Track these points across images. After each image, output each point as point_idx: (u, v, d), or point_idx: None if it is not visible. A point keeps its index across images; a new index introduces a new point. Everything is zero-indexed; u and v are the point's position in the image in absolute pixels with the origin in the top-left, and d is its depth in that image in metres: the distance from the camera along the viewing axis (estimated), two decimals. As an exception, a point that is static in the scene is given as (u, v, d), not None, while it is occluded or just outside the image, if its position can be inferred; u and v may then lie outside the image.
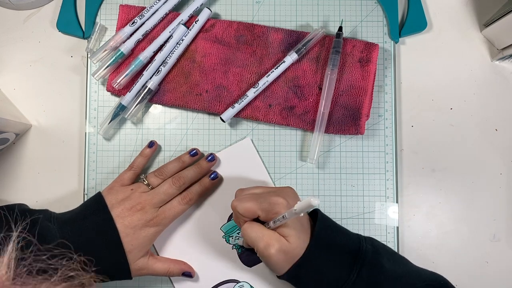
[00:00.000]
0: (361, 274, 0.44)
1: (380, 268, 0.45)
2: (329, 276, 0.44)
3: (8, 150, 0.58)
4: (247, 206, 0.45)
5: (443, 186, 0.57)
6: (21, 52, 0.59)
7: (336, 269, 0.44)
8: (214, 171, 0.55)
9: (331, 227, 0.47)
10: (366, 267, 0.44)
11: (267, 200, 0.45)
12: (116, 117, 0.55)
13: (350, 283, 0.44)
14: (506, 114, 0.58)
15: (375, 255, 0.46)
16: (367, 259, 0.45)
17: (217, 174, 0.55)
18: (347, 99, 0.56)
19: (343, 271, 0.44)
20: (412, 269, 0.48)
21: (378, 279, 0.44)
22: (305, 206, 0.39)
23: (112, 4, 0.59)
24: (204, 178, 0.54)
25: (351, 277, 0.44)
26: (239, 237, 0.55)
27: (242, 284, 0.55)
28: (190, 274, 0.54)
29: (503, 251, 0.57)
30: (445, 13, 0.60)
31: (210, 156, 0.55)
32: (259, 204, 0.45)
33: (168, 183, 0.52)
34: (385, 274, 0.45)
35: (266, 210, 0.44)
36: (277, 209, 0.44)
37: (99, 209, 0.49)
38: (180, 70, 0.56)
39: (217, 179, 0.55)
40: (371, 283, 0.44)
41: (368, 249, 0.46)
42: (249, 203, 0.45)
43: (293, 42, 0.56)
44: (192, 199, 0.52)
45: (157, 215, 0.50)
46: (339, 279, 0.44)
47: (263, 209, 0.45)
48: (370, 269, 0.44)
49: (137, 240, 0.49)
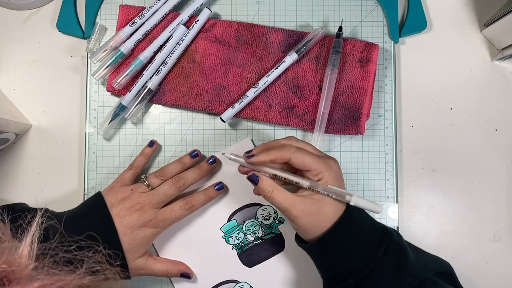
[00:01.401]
0: (388, 252, 0.44)
1: (404, 249, 0.46)
2: (358, 249, 0.45)
3: (8, 150, 0.58)
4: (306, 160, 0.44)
5: (443, 186, 0.57)
6: (21, 52, 0.59)
7: (365, 243, 0.45)
8: (220, 182, 0.55)
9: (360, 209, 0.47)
10: (392, 246, 0.45)
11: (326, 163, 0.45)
12: (116, 117, 0.55)
13: (378, 258, 0.44)
14: (506, 114, 0.58)
15: (399, 237, 0.47)
16: (393, 239, 0.46)
17: (223, 185, 0.54)
18: (347, 99, 0.56)
19: (372, 246, 0.45)
20: (428, 255, 0.49)
21: (403, 259, 0.45)
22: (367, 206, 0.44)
23: (112, 4, 0.59)
24: (210, 187, 0.54)
25: (378, 254, 0.44)
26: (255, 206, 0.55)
27: (242, 285, 0.55)
28: (188, 275, 0.54)
29: (503, 251, 0.57)
30: (445, 13, 0.60)
31: (211, 158, 0.55)
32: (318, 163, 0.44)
33: (168, 184, 0.52)
34: (409, 256, 0.45)
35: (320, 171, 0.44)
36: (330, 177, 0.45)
37: (98, 208, 0.49)
38: (180, 70, 0.56)
39: (222, 190, 0.54)
40: (397, 261, 0.44)
41: (392, 231, 0.47)
42: (309, 158, 0.44)
43: (293, 42, 0.56)
44: (195, 206, 0.52)
45: (156, 216, 0.50)
46: (368, 254, 0.44)
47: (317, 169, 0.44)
48: (395, 249, 0.45)
49: (135, 240, 0.49)
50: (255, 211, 0.56)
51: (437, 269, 0.46)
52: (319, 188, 0.44)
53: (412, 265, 0.45)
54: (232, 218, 0.56)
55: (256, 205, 0.56)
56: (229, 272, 0.55)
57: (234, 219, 0.56)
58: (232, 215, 0.56)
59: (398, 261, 0.44)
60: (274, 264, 0.55)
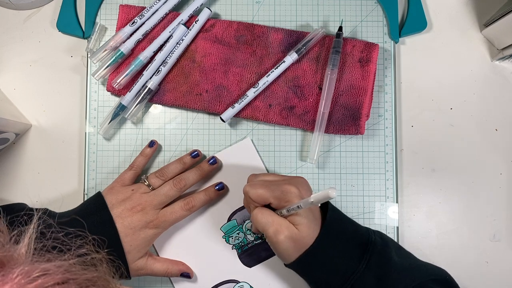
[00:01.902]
0: (370, 265, 0.44)
1: (389, 260, 0.45)
2: (338, 266, 0.44)
3: (8, 150, 0.58)
4: (260, 193, 0.45)
5: (443, 186, 0.57)
6: (21, 52, 0.59)
7: (346, 259, 0.45)
8: (220, 182, 0.55)
9: (341, 218, 0.48)
10: (375, 258, 0.45)
11: (280, 188, 0.45)
12: (116, 117, 0.55)
13: (359, 273, 0.44)
14: (506, 114, 0.58)
15: (384, 247, 0.46)
16: (376, 250, 0.45)
17: (224, 185, 0.55)
18: (347, 99, 0.56)
19: (352, 261, 0.44)
20: (418, 263, 0.48)
21: (386, 270, 0.44)
22: (322, 197, 0.39)
23: (112, 4, 0.59)
24: (210, 187, 0.54)
25: (360, 267, 0.44)
26: (249, 222, 0.56)
27: (242, 285, 0.55)
28: (188, 275, 0.54)
29: (503, 251, 0.57)
30: (445, 13, 0.60)
31: (212, 159, 0.54)
32: (272, 191, 0.45)
33: (169, 185, 0.52)
34: (393, 266, 0.45)
35: (278, 198, 0.45)
36: (289, 197, 0.44)
37: (99, 208, 0.49)
38: (180, 70, 0.56)
39: (223, 190, 0.55)
40: (380, 274, 0.44)
41: (377, 240, 0.46)
42: (261, 189, 0.45)
43: (293, 42, 0.56)
44: (195, 207, 0.52)
45: (157, 217, 0.50)
46: (348, 269, 0.44)
47: (275, 197, 0.45)
48: (379, 260, 0.45)
49: (136, 241, 0.49)
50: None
51: (428, 277, 0.46)
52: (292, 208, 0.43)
53: (396, 276, 0.44)
54: (232, 218, 0.56)
55: (256, 205, 0.56)
56: (229, 272, 0.55)
57: (234, 219, 0.56)
58: (232, 215, 0.56)
59: (381, 273, 0.44)
60: (274, 264, 0.55)
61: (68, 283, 0.26)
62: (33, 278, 0.24)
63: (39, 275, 0.25)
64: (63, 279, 0.25)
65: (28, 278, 0.24)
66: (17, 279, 0.24)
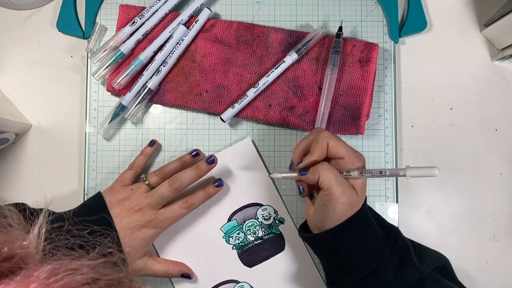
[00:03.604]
0: (395, 248, 0.45)
1: (409, 247, 0.46)
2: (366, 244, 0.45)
3: (8, 150, 0.58)
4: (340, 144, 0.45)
5: (443, 186, 0.57)
6: (21, 52, 0.59)
7: (373, 239, 0.45)
8: (219, 178, 0.54)
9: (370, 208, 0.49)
10: (398, 243, 0.46)
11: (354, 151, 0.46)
12: (116, 117, 0.55)
13: (385, 255, 0.45)
14: (506, 114, 0.58)
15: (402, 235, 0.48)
16: (399, 237, 0.46)
17: (222, 182, 0.54)
18: (347, 99, 0.56)
19: (379, 243, 0.45)
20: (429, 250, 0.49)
21: (407, 256, 0.45)
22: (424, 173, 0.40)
23: (112, 4, 0.59)
24: (209, 185, 0.53)
25: (386, 250, 0.45)
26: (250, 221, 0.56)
27: (242, 285, 0.55)
28: (189, 276, 0.54)
29: (503, 251, 0.57)
30: (445, 13, 0.60)
31: (210, 158, 0.53)
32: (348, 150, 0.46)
33: (164, 186, 0.50)
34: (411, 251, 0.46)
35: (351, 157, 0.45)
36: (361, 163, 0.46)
37: (98, 209, 0.49)
38: (180, 70, 0.56)
39: (221, 187, 0.54)
40: (402, 258, 0.45)
41: (398, 229, 0.48)
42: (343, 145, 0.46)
43: (293, 42, 0.56)
44: (194, 205, 0.52)
45: (155, 217, 0.50)
46: (375, 250, 0.45)
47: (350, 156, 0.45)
48: (401, 246, 0.46)
49: (135, 241, 0.49)
50: (255, 211, 0.56)
51: (437, 264, 0.47)
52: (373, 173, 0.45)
53: (415, 261, 0.45)
54: (232, 218, 0.56)
55: (256, 205, 0.56)
56: (230, 272, 0.55)
57: (234, 219, 0.56)
58: (232, 215, 0.56)
59: (403, 257, 0.45)
60: (274, 264, 0.55)
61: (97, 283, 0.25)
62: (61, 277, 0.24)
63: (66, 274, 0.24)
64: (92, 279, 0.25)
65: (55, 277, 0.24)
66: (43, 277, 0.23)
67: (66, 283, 0.24)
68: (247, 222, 0.56)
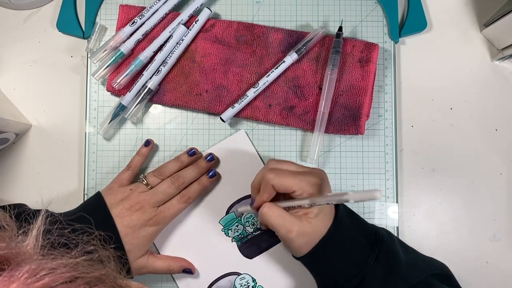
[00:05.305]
0: (379, 258, 0.44)
1: (397, 254, 0.46)
2: (349, 258, 0.45)
3: (8, 150, 0.58)
4: (285, 182, 0.45)
5: (443, 186, 0.57)
6: (21, 52, 0.59)
7: (356, 251, 0.45)
8: (212, 169, 0.55)
9: (351, 212, 0.48)
10: (384, 253, 0.45)
11: (306, 179, 0.45)
12: (116, 117, 0.55)
13: (369, 266, 0.44)
14: (506, 114, 0.58)
15: (391, 241, 0.47)
16: (384, 245, 0.46)
17: (215, 172, 0.55)
18: (347, 99, 0.56)
19: (362, 254, 0.45)
20: (423, 258, 0.49)
21: (394, 264, 0.45)
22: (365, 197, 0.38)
23: (112, 4, 0.59)
24: (203, 176, 0.54)
25: (370, 261, 0.44)
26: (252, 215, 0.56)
27: (243, 276, 0.55)
28: (190, 271, 0.54)
29: (503, 251, 0.57)
30: (445, 13, 0.60)
31: (209, 156, 0.55)
32: (298, 182, 0.44)
33: (167, 183, 0.52)
34: (400, 260, 0.45)
35: (302, 188, 0.44)
36: (314, 190, 0.44)
37: (99, 208, 0.50)
38: (180, 70, 0.56)
39: (215, 177, 0.55)
40: (388, 267, 0.45)
41: (384, 236, 0.47)
42: (288, 178, 0.45)
43: (293, 42, 0.56)
44: (191, 198, 0.52)
45: (155, 214, 0.50)
46: (359, 262, 0.44)
47: (300, 187, 0.44)
48: (387, 255, 0.45)
49: (137, 239, 0.49)
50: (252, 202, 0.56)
51: (430, 271, 0.46)
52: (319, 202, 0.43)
53: (403, 270, 0.45)
54: (230, 210, 0.56)
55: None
56: (230, 265, 0.55)
57: (233, 212, 0.56)
58: (230, 207, 0.56)
59: (389, 266, 0.45)
60: (274, 254, 0.56)
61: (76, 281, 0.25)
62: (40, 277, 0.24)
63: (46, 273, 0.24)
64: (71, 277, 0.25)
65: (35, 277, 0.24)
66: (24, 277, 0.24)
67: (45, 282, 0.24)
68: (245, 214, 0.56)
